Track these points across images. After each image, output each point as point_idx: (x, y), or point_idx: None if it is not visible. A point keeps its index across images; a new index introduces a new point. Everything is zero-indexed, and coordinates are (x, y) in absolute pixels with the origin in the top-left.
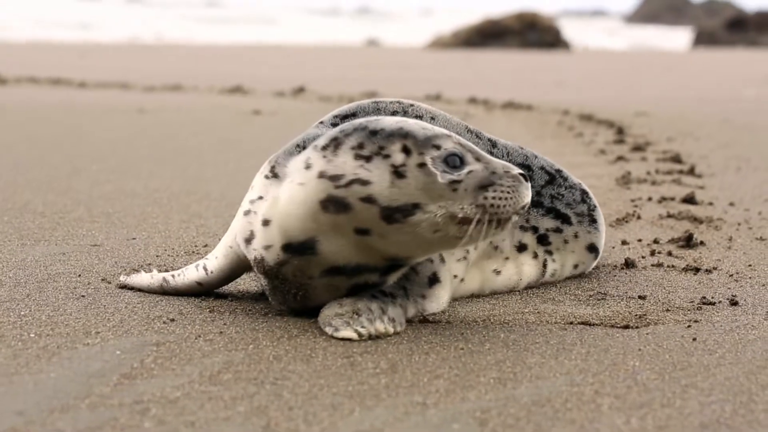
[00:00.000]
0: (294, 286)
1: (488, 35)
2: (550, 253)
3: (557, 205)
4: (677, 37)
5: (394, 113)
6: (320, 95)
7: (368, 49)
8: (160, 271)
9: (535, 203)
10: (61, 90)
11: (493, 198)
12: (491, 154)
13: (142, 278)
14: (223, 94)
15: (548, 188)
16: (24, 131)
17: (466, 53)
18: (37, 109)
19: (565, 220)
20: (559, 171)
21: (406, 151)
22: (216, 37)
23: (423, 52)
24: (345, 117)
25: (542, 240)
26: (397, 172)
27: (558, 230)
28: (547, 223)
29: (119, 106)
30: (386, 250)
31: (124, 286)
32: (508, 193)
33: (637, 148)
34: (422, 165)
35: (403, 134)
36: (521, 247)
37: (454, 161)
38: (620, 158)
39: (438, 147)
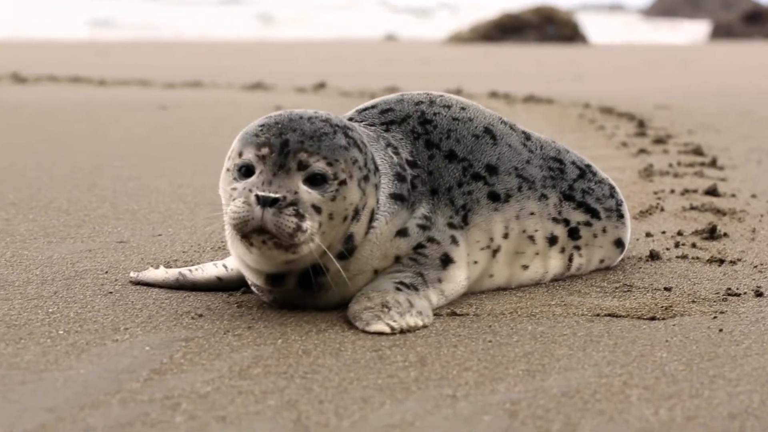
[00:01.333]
0: None
1: (507, 29)
2: (578, 248)
3: (588, 199)
4: (694, 31)
5: (419, 103)
6: (341, 90)
7: (387, 44)
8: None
9: (567, 197)
10: (80, 88)
11: (226, 213)
12: (524, 146)
13: (156, 273)
14: (243, 90)
15: (579, 182)
16: (45, 130)
17: (485, 48)
18: (58, 108)
19: (595, 214)
20: (588, 166)
21: (229, 155)
22: (234, 34)
23: (442, 46)
24: (364, 110)
25: (573, 233)
26: (223, 175)
27: (588, 224)
28: (578, 216)
29: (140, 104)
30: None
31: (137, 283)
32: (235, 210)
33: (659, 141)
34: (228, 170)
35: (235, 140)
36: (552, 240)
37: (246, 171)
38: (642, 151)
39: (240, 155)
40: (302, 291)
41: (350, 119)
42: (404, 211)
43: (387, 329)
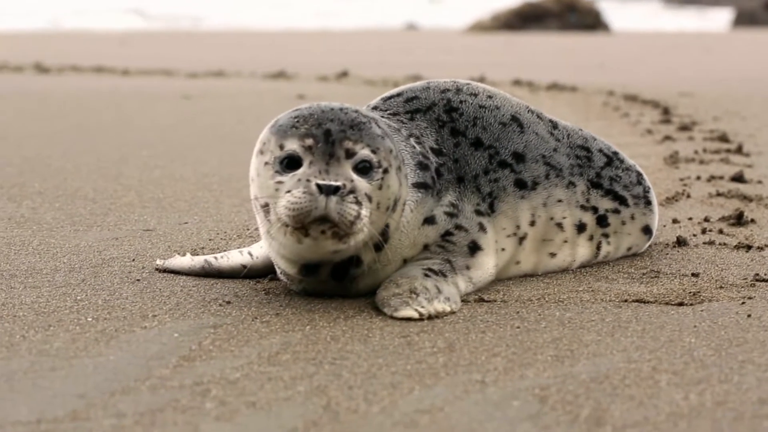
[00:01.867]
0: None
1: (528, 18)
2: (606, 236)
3: (615, 187)
4: (717, 18)
5: (445, 91)
6: (364, 79)
7: (408, 33)
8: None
9: (595, 184)
10: (104, 78)
11: (282, 205)
12: (552, 135)
13: (182, 261)
14: (266, 79)
15: (607, 170)
16: (70, 119)
17: (507, 36)
18: (82, 98)
19: (623, 201)
20: (615, 153)
21: (262, 150)
22: (256, 23)
23: (463, 35)
24: (389, 98)
25: (601, 221)
26: (259, 169)
27: (616, 211)
28: (606, 204)
29: (163, 93)
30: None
31: (163, 270)
32: (296, 201)
33: (684, 128)
34: (267, 163)
35: (265, 133)
36: (581, 227)
37: (290, 163)
38: (667, 138)
39: (281, 147)
40: (334, 282)
41: (375, 108)
42: (430, 199)
43: (415, 314)
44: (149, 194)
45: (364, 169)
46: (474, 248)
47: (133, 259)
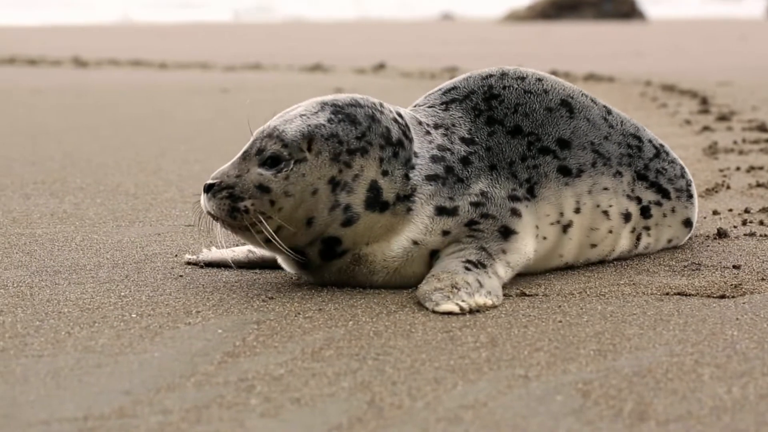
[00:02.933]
0: None
1: (563, 7)
2: (647, 228)
3: (660, 179)
4: (751, 6)
5: (487, 77)
6: (401, 71)
7: (444, 24)
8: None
9: (641, 176)
10: (142, 72)
11: None
12: (605, 121)
13: (223, 253)
14: (303, 72)
15: (654, 162)
16: (109, 114)
17: (542, 26)
18: (120, 92)
19: (666, 194)
20: (662, 145)
21: None
22: (293, 15)
23: (498, 25)
24: (431, 93)
25: (644, 212)
26: None
27: (658, 204)
28: (649, 195)
29: (201, 87)
30: None
31: (207, 264)
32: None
33: (722, 118)
34: None
35: None
36: (627, 216)
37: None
38: (706, 128)
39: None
40: (327, 262)
41: (416, 105)
42: (443, 188)
43: (456, 309)
44: (190, 189)
45: (271, 163)
46: (507, 232)
47: (176, 255)
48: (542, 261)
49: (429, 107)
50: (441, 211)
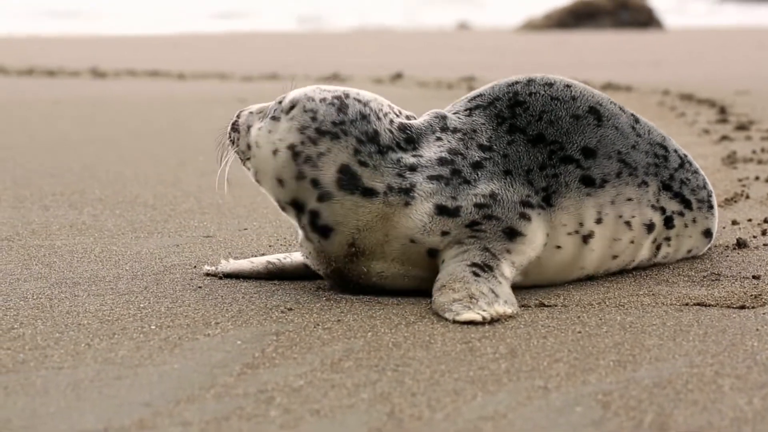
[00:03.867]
0: None
1: (580, 16)
2: (668, 239)
3: (684, 190)
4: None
5: (513, 84)
6: (418, 81)
7: (461, 33)
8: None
9: (666, 186)
10: (159, 82)
11: None
12: (633, 129)
13: (241, 264)
14: (320, 82)
15: (680, 172)
16: (127, 124)
17: (560, 35)
18: (138, 102)
19: (688, 205)
20: (685, 155)
21: None
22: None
23: (516, 34)
24: (459, 101)
25: (667, 222)
26: None
27: (681, 214)
28: (673, 206)
29: (219, 97)
30: None
31: (226, 275)
32: None
33: (741, 127)
34: None
35: None
36: (650, 227)
37: None
38: (724, 138)
39: None
40: (324, 240)
41: (456, 113)
42: (446, 188)
43: (478, 317)
44: (208, 200)
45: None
46: (512, 234)
47: (194, 266)
48: (562, 273)
49: (453, 113)
50: (441, 210)
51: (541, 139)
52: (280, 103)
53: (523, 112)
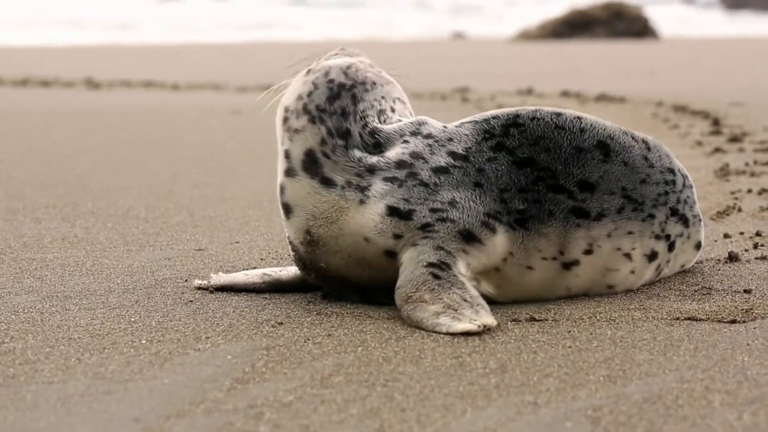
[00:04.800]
0: None
1: (575, 26)
2: (668, 261)
3: (685, 209)
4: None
5: (522, 109)
6: (412, 92)
7: (456, 43)
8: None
9: (674, 211)
10: (154, 93)
11: None
12: (645, 160)
13: (235, 277)
14: None
15: (684, 192)
16: (121, 136)
17: (555, 45)
18: (132, 113)
19: (686, 223)
20: (682, 169)
21: None
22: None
23: (510, 44)
24: (477, 115)
25: (671, 247)
26: None
27: (681, 235)
28: (677, 229)
29: (213, 108)
30: None
31: (218, 289)
32: None
33: (734, 139)
34: None
35: None
36: (652, 256)
37: None
38: (717, 150)
39: None
40: (287, 220)
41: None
42: (399, 189)
43: (474, 327)
44: (200, 213)
45: None
46: (470, 237)
47: (186, 280)
48: (542, 291)
49: (443, 124)
50: (393, 211)
51: (529, 164)
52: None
53: (518, 134)
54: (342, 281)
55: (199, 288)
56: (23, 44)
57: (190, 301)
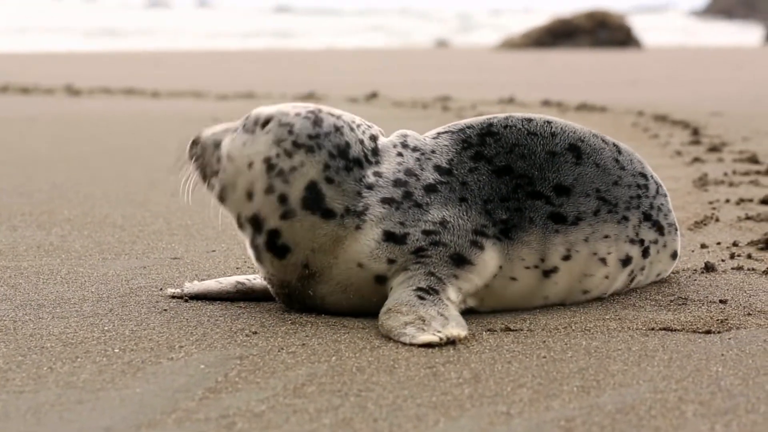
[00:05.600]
0: None
1: (559, 35)
2: (643, 268)
3: (659, 217)
4: (749, 33)
5: (492, 117)
6: (393, 101)
7: (439, 51)
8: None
9: (647, 216)
10: (134, 100)
11: None
12: (616, 163)
13: (208, 285)
14: (296, 101)
15: (657, 198)
16: (100, 143)
17: (538, 54)
18: (112, 121)
19: (661, 231)
20: (653, 176)
21: None
22: (286, 43)
23: (493, 53)
24: (451, 125)
25: (645, 253)
26: None
27: (655, 242)
28: (651, 235)
29: (193, 116)
30: None
31: (193, 297)
32: None
33: (714, 149)
34: None
35: None
36: (626, 261)
37: None
38: (696, 159)
39: None
40: (278, 260)
41: (426, 136)
42: (396, 212)
43: (436, 339)
44: (177, 221)
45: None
46: (460, 260)
47: (161, 288)
48: (522, 301)
49: (423, 136)
50: (389, 236)
51: (508, 171)
52: (247, 118)
53: (494, 143)
54: (325, 309)
55: (173, 296)
56: (3, 51)
57: (165, 309)
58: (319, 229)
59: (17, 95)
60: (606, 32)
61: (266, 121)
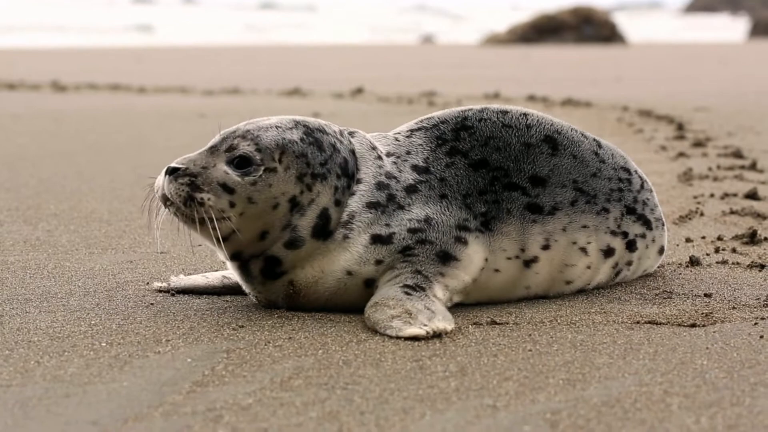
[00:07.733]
0: None
1: (544, 31)
2: (629, 263)
3: (645, 211)
4: (734, 28)
5: (466, 110)
6: (379, 96)
7: (424, 47)
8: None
9: (630, 210)
10: (120, 96)
11: None
12: (596, 155)
13: (195, 279)
14: (281, 96)
15: (642, 193)
16: (86, 139)
17: (523, 49)
18: (98, 116)
19: (648, 225)
20: (638, 171)
21: None
22: (272, 39)
23: (479, 49)
24: (422, 120)
25: (630, 246)
26: None
27: (643, 236)
28: (636, 229)
29: (179, 111)
30: None
31: (179, 291)
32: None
33: (698, 144)
34: None
35: None
36: (608, 252)
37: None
38: (681, 154)
39: None
40: (267, 281)
41: (398, 133)
42: (382, 217)
43: (422, 332)
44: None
45: (239, 164)
46: (446, 257)
47: (147, 283)
48: (505, 292)
49: (395, 134)
50: (376, 239)
51: (484, 165)
52: (258, 150)
53: (469, 137)
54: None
55: (159, 291)
56: None
57: (151, 303)
58: (316, 249)
59: (3, 91)
60: (591, 28)
61: (281, 154)
